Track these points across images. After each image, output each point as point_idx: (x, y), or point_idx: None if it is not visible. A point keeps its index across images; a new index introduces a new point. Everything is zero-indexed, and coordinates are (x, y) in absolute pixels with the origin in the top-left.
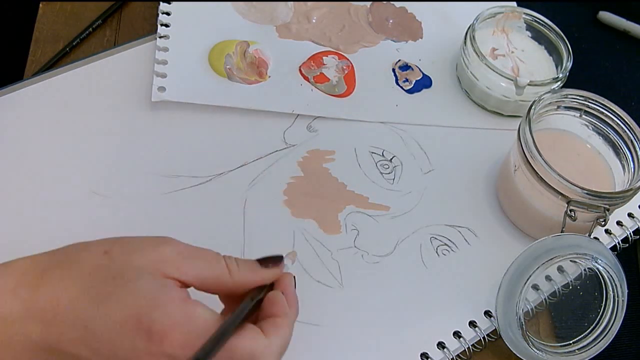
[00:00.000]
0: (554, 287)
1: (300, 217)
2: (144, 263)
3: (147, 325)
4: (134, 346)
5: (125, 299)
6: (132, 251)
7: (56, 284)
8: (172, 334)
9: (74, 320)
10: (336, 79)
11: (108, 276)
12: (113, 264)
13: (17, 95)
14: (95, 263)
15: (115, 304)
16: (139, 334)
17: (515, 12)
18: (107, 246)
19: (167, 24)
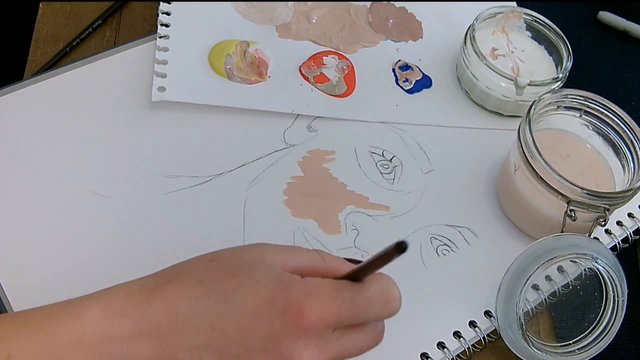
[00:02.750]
0: (554, 287)
1: (300, 217)
2: (252, 257)
3: (281, 304)
4: (271, 330)
5: (254, 288)
6: (236, 252)
7: (169, 296)
8: (308, 304)
9: (197, 325)
10: (336, 79)
11: (225, 275)
12: (224, 264)
13: (17, 95)
14: (204, 269)
15: (244, 295)
16: (275, 315)
17: (515, 12)
18: (210, 256)
19: (167, 24)
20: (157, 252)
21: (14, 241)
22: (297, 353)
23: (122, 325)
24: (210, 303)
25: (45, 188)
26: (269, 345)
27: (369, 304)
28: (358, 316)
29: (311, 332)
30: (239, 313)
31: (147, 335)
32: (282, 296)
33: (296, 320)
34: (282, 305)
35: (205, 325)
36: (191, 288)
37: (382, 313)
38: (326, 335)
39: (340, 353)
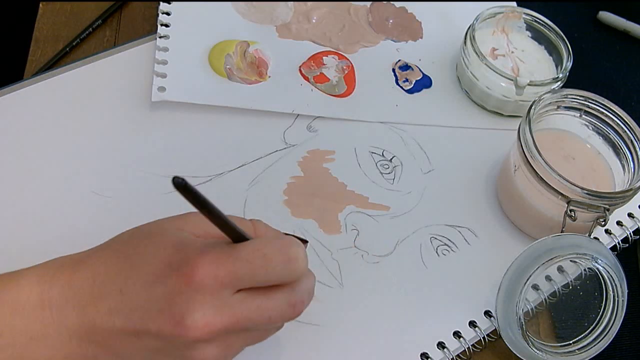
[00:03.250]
0: (554, 287)
1: (300, 217)
2: (171, 224)
3: (176, 264)
4: (167, 290)
5: (156, 251)
6: (160, 221)
7: (91, 264)
8: (200, 261)
9: (109, 290)
10: (336, 79)
11: (138, 242)
12: (142, 232)
13: (17, 95)
14: (126, 238)
15: (147, 259)
16: (169, 275)
17: (515, 12)
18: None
19: (167, 24)
20: None
21: (13, 241)
22: (190, 312)
23: (52, 291)
24: (121, 268)
25: (45, 188)
26: (165, 305)
27: (266, 263)
28: (257, 276)
29: (205, 291)
30: (142, 277)
31: (72, 302)
32: (178, 255)
33: (188, 278)
34: (177, 264)
35: (116, 290)
36: (109, 256)
37: (284, 273)
38: (224, 296)
39: (242, 318)
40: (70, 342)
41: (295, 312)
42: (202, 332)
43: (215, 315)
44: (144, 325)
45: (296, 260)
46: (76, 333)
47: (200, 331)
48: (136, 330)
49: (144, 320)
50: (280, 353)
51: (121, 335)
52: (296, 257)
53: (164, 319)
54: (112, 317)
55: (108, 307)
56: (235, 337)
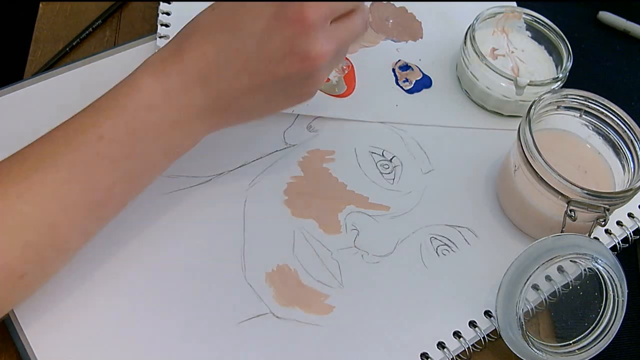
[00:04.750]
0: (554, 287)
1: (300, 217)
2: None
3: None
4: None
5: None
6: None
7: (194, 47)
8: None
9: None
10: (336, 79)
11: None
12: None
13: (17, 95)
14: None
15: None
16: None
17: (515, 12)
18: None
19: (167, 24)
20: (157, 251)
21: None
22: (312, 47)
23: (171, 80)
24: (230, 37)
25: None
26: (287, 50)
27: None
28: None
29: (316, 28)
30: (255, 36)
31: (194, 82)
32: (282, 10)
33: (301, 22)
34: (285, 16)
35: (233, 55)
36: (211, 29)
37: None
38: (327, 27)
39: (343, 39)
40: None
41: (365, 27)
42: (325, 58)
43: (329, 42)
44: (271, 74)
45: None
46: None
47: (323, 59)
48: (264, 83)
49: (271, 68)
50: (280, 353)
51: (248, 94)
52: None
53: (291, 59)
54: (238, 78)
55: (231, 71)
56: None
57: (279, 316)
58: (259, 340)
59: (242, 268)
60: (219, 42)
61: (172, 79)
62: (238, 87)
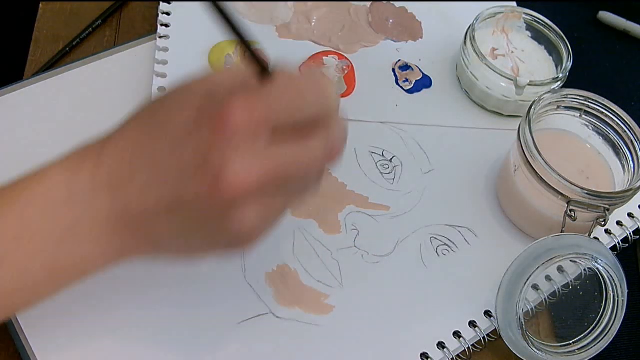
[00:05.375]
0: (554, 287)
1: (300, 217)
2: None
3: (205, 113)
4: (200, 145)
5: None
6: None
7: (117, 143)
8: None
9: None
10: (336, 79)
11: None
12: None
13: (17, 95)
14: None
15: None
16: (200, 127)
17: (515, 12)
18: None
19: (167, 24)
20: None
21: None
22: (227, 164)
23: (80, 180)
24: (148, 138)
25: None
26: (200, 160)
27: (301, 95)
28: (292, 111)
29: (241, 138)
30: (171, 140)
31: (102, 186)
32: (208, 103)
33: (221, 125)
34: (207, 113)
35: (146, 163)
36: (132, 131)
37: (319, 105)
38: (260, 143)
39: (281, 164)
40: (104, 232)
41: (332, 156)
42: (242, 184)
43: (254, 163)
44: (179, 192)
45: (329, 91)
46: (110, 220)
47: (239, 183)
48: (173, 200)
49: (180, 185)
50: (281, 353)
51: (156, 213)
52: (328, 87)
53: (201, 176)
54: (146, 192)
55: (141, 182)
56: (273, 196)
57: (279, 316)
58: (259, 340)
59: (242, 268)
60: (137, 143)
61: (81, 179)
62: (145, 202)
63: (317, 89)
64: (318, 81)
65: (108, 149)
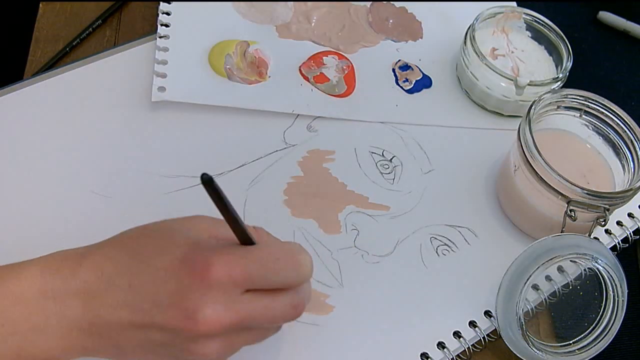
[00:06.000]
0: (554, 287)
1: (300, 217)
2: (181, 225)
3: (191, 262)
4: (180, 285)
5: (169, 248)
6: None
7: (98, 258)
8: (215, 260)
9: (117, 284)
10: (336, 79)
11: (148, 239)
12: (152, 231)
13: (17, 95)
14: (136, 233)
15: (159, 255)
16: (184, 271)
17: (515, 12)
18: (146, 225)
19: (167, 24)
20: None
21: (13, 241)
22: (202, 308)
23: (56, 283)
24: (131, 263)
25: (45, 188)
26: (177, 299)
27: (278, 266)
28: (268, 277)
29: (218, 289)
30: (153, 272)
31: (77, 294)
32: (192, 254)
33: (203, 275)
34: (191, 262)
35: (124, 284)
36: (118, 251)
37: (293, 277)
38: (235, 295)
39: (250, 316)
40: (70, 333)
41: (296, 313)
42: (211, 327)
43: (226, 312)
44: (152, 318)
45: (305, 266)
46: (78, 324)
47: (209, 326)
48: (143, 323)
49: (153, 313)
50: (281, 353)
51: (126, 328)
52: (305, 263)
53: (175, 312)
54: (118, 311)
55: (115, 300)
56: (237, 335)
57: None
58: None
59: None
60: (118, 264)
61: (56, 282)
62: (116, 320)
63: (293, 264)
64: (295, 256)
65: (88, 260)
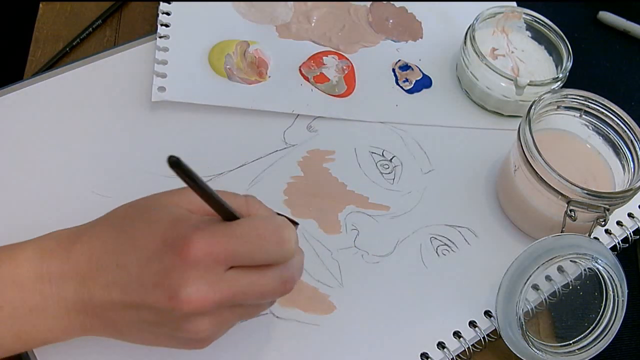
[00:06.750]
0: (554, 287)
1: (300, 217)
2: (166, 200)
3: (171, 240)
4: (162, 264)
5: (151, 226)
6: (155, 197)
7: (89, 239)
8: (195, 237)
9: (106, 264)
10: (336, 79)
11: (134, 217)
12: (137, 208)
13: (17, 95)
14: (121, 213)
15: (142, 233)
16: (165, 250)
17: (515, 12)
18: (132, 202)
19: (167, 24)
20: None
21: (13, 241)
22: (184, 287)
23: (51, 265)
24: (118, 243)
25: (45, 188)
26: (160, 280)
27: (260, 242)
28: (251, 254)
29: (200, 267)
30: (137, 251)
31: (71, 275)
32: (173, 232)
33: (183, 254)
34: (172, 240)
35: (113, 264)
36: (106, 230)
37: (276, 254)
38: (218, 272)
39: (235, 293)
40: (68, 314)
41: (286, 289)
42: (195, 305)
43: (209, 290)
44: (140, 298)
45: (288, 241)
46: (74, 305)
47: (193, 305)
48: (133, 303)
49: (140, 293)
50: (280, 353)
51: (118, 307)
52: (289, 239)
53: (159, 292)
54: (109, 290)
55: (105, 280)
56: (228, 312)
57: (279, 316)
58: (258, 340)
59: None
60: (108, 245)
61: (52, 264)
62: (108, 299)
63: (276, 240)
64: (279, 231)
65: (79, 242)
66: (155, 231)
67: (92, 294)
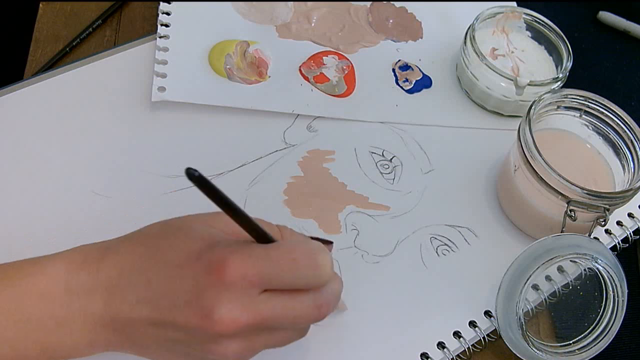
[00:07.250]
0: (554, 287)
1: (300, 217)
2: (200, 220)
3: (207, 260)
4: (196, 283)
5: (183, 243)
6: (189, 217)
7: (119, 255)
8: (230, 260)
9: (136, 281)
10: (336, 79)
11: (167, 235)
12: (171, 227)
13: (17, 95)
14: (154, 231)
15: (174, 251)
16: (199, 269)
17: (515, 12)
18: (166, 220)
19: (167, 24)
20: None
21: (13, 241)
22: (218, 307)
23: (80, 279)
24: (149, 259)
25: (45, 188)
26: (193, 297)
27: (295, 266)
28: (285, 278)
29: (234, 289)
30: (170, 269)
31: (99, 291)
32: (208, 252)
33: (219, 275)
34: (207, 260)
35: (143, 281)
36: (137, 247)
37: (310, 278)
38: (251, 295)
39: (268, 316)
40: (94, 329)
41: (320, 314)
42: (228, 327)
43: (242, 312)
44: (170, 316)
45: (323, 267)
46: (101, 320)
47: (226, 326)
48: (162, 320)
49: (171, 311)
50: (280, 353)
51: (146, 325)
52: (323, 264)
53: (191, 311)
54: (139, 307)
55: (136, 297)
56: (258, 336)
57: None
58: None
59: None
60: (138, 262)
61: (81, 278)
62: (137, 316)
63: (310, 264)
64: (314, 255)
65: (109, 257)
66: (190, 249)
67: (120, 309)
